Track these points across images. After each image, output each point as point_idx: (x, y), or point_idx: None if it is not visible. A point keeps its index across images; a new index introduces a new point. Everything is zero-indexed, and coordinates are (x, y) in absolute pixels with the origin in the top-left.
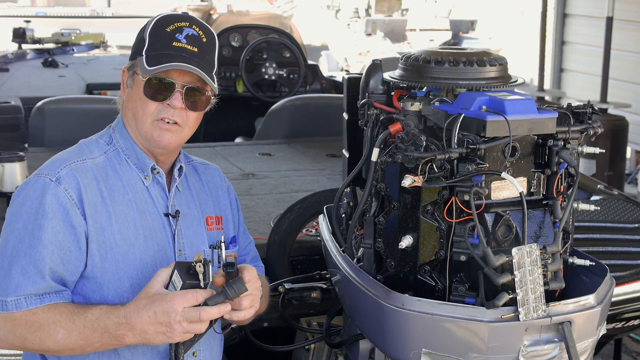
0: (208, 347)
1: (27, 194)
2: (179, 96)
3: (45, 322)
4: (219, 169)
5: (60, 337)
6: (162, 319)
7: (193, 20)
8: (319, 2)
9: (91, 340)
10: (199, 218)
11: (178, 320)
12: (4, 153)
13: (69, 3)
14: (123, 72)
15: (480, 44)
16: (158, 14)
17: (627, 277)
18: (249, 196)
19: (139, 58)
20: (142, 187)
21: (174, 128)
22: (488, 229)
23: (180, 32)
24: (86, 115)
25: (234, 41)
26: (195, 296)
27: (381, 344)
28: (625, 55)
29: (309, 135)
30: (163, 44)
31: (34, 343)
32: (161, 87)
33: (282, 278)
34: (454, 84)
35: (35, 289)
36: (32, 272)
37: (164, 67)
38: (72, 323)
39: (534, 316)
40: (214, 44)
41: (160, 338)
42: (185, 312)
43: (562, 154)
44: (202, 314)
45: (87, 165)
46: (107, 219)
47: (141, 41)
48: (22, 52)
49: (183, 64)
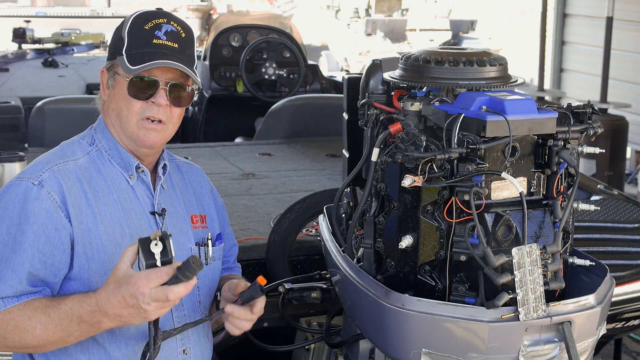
0: (198, 345)
1: (9, 197)
2: (163, 93)
3: (21, 319)
4: (201, 169)
5: (38, 331)
6: (131, 302)
7: (170, 16)
8: (319, 2)
9: (69, 330)
10: (184, 216)
11: (147, 302)
12: (4, 153)
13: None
14: (102, 72)
15: (480, 44)
16: (133, 13)
17: (627, 277)
18: (249, 196)
19: (119, 58)
20: (126, 187)
21: (159, 127)
22: (488, 229)
23: (159, 29)
24: (86, 115)
25: (234, 41)
26: (160, 275)
27: (381, 344)
28: (625, 55)
29: (309, 135)
30: (143, 42)
31: (14, 341)
32: (145, 85)
33: (282, 278)
34: (454, 84)
35: (12, 292)
36: (10, 277)
37: (148, 66)
38: (48, 316)
39: (534, 316)
40: (192, 39)
41: (136, 319)
42: (152, 293)
43: (562, 154)
44: (169, 294)
45: (69, 167)
46: (92, 220)
47: (119, 40)
48: (22, 52)
49: (168, 61)
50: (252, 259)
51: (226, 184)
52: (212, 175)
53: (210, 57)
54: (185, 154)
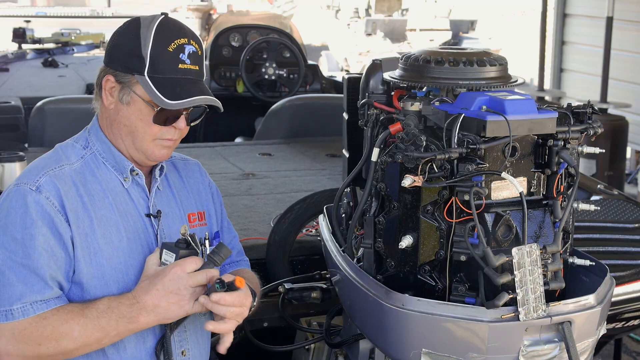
0: (197, 346)
1: (9, 204)
2: (183, 118)
3: (58, 322)
4: (199, 163)
5: (76, 333)
6: (171, 287)
7: (187, 32)
8: (319, 2)
9: (107, 329)
10: (180, 216)
11: (186, 285)
12: (4, 153)
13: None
14: (107, 80)
15: (480, 44)
16: (149, 24)
17: (627, 277)
18: (249, 196)
19: (140, 78)
20: (121, 190)
21: (172, 144)
22: (488, 229)
23: (183, 51)
24: (86, 115)
25: (234, 41)
26: (195, 261)
27: (381, 344)
28: (625, 55)
29: (309, 135)
30: (169, 67)
31: (49, 347)
32: (172, 115)
33: (282, 278)
34: (454, 84)
35: (41, 295)
36: (35, 281)
37: (187, 103)
38: (85, 317)
39: (534, 316)
40: (204, 52)
41: (173, 309)
42: (191, 277)
43: (562, 154)
44: (208, 275)
45: (65, 172)
46: (89, 224)
47: (138, 58)
48: (22, 52)
49: (205, 97)
50: (252, 259)
51: (226, 184)
52: (212, 175)
53: (210, 57)
54: (185, 154)
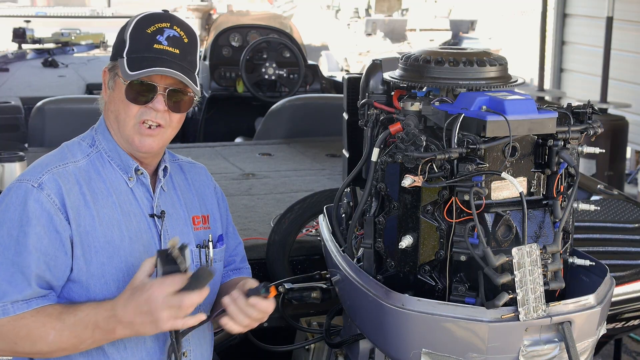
0: (198, 347)
1: (10, 200)
2: (161, 99)
3: (34, 325)
4: (205, 168)
5: (51, 338)
6: (144, 309)
7: (174, 20)
8: (319, 2)
9: (83, 337)
10: (185, 218)
11: (160, 308)
12: (4, 153)
13: (69, 3)
14: (104, 72)
15: (480, 44)
16: (138, 14)
17: (627, 277)
18: (249, 196)
19: (120, 60)
20: (126, 189)
21: (155, 132)
22: (488, 229)
23: (161, 33)
24: (86, 115)
25: (234, 41)
26: (173, 282)
27: (381, 344)
28: (625, 55)
29: (309, 135)
30: (144, 47)
31: (24, 347)
32: (143, 90)
33: (282, 278)
34: (454, 84)
35: (21, 295)
36: (19, 280)
37: (144, 73)
38: (62, 322)
39: (534, 316)
40: (195, 44)
41: (148, 328)
42: (166, 299)
43: (562, 154)
44: (185, 300)
45: (69, 170)
46: (90, 223)
47: (122, 42)
48: (22, 52)
49: (164, 69)
50: (252, 259)
51: (226, 184)
52: (212, 176)
53: (210, 57)
54: (185, 154)
